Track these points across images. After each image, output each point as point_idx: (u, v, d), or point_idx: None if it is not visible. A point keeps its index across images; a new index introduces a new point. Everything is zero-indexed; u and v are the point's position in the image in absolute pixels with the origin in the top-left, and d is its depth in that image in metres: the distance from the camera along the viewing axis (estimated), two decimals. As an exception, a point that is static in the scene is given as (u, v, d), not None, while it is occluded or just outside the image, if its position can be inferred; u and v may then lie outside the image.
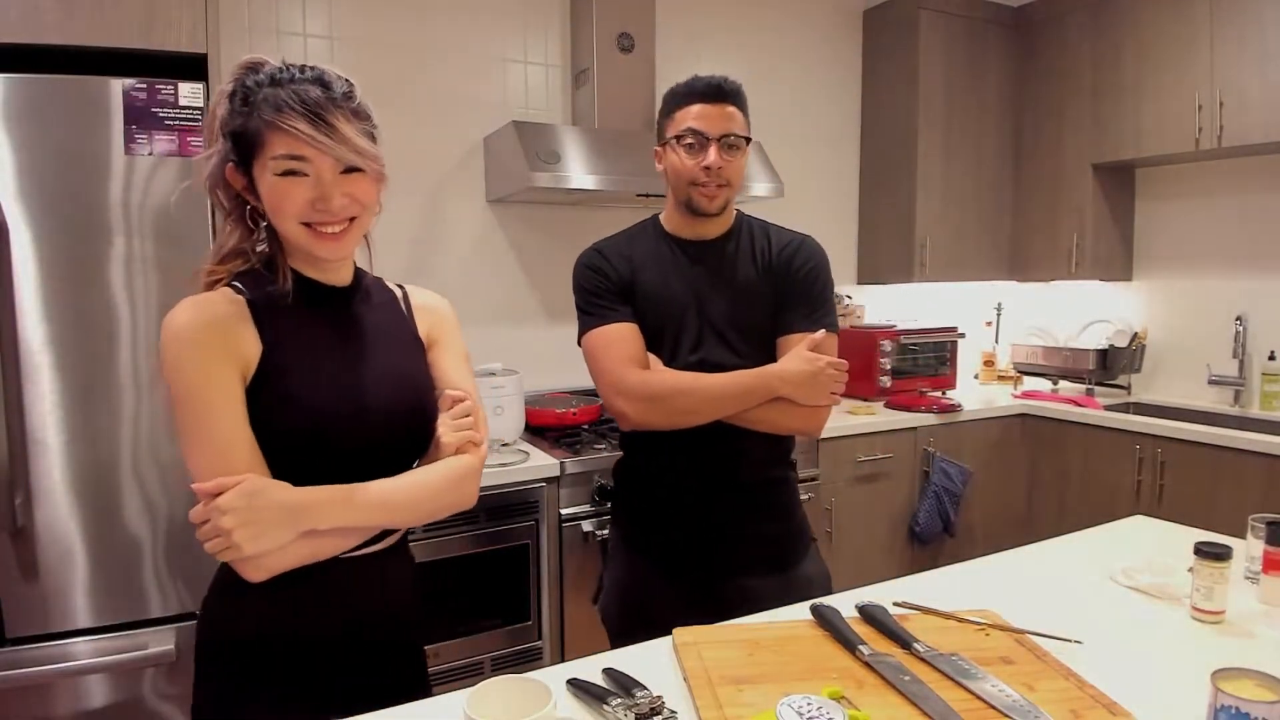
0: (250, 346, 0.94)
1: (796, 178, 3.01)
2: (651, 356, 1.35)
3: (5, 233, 1.46)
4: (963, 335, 3.24)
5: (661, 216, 1.46)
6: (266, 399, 0.94)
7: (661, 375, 1.32)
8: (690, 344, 1.35)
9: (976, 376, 3.59)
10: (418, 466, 1.06)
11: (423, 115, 2.55)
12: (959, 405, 2.95)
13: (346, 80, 0.97)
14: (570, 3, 2.72)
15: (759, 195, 2.62)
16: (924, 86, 3.11)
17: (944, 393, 3.11)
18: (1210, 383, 2.98)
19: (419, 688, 1.09)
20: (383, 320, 1.10)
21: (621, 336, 1.34)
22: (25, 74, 1.47)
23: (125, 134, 1.53)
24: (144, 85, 1.54)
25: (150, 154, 1.55)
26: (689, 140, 1.32)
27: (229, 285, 0.97)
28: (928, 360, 3.14)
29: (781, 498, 1.45)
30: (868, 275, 3.43)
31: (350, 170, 0.95)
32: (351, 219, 0.97)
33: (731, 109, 1.33)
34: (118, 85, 1.52)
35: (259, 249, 1.00)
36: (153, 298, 1.57)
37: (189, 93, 1.58)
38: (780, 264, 1.39)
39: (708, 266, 1.39)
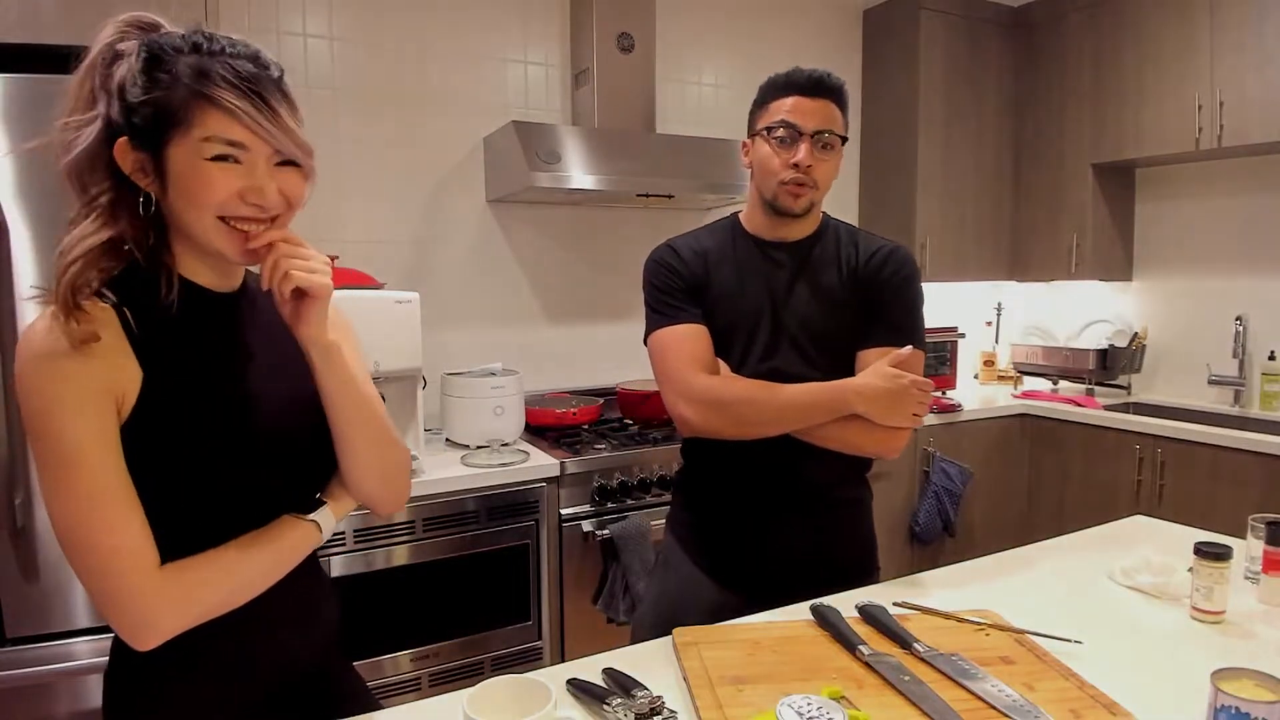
0: (128, 375, 0.79)
1: (796, 178, 3.01)
2: (720, 362, 1.28)
3: (5, 233, 1.46)
4: (963, 335, 3.24)
5: (742, 215, 1.38)
6: (149, 438, 0.79)
7: (729, 381, 1.24)
8: (762, 350, 1.28)
9: (976, 376, 3.59)
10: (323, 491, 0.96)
11: (423, 115, 2.55)
12: (959, 405, 2.95)
13: (278, 63, 0.84)
14: (570, 3, 2.72)
15: (759, 195, 2.62)
16: (924, 86, 3.11)
17: (944, 393, 3.11)
18: (1210, 383, 2.98)
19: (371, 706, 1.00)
20: (276, 330, 0.92)
21: (689, 337, 1.26)
22: (25, 74, 1.47)
23: (125, 134, 1.53)
24: (144, 85, 1.54)
25: (150, 154, 1.55)
26: (780, 133, 1.24)
27: (96, 294, 0.78)
28: (928, 360, 3.13)
29: (851, 522, 1.37)
30: (868, 275, 3.42)
31: (284, 164, 0.83)
32: (274, 217, 0.83)
33: (831, 105, 1.25)
34: (118, 85, 1.52)
35: (142, 245, 0.82)
36: (152, 298, 1.57)
37: (189, 93, 1.57)
38: (868, 272, 1.31)
39: (788, 270, 1.31)
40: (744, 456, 1.27)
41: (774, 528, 1.31)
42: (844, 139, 1.28)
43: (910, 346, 1.26)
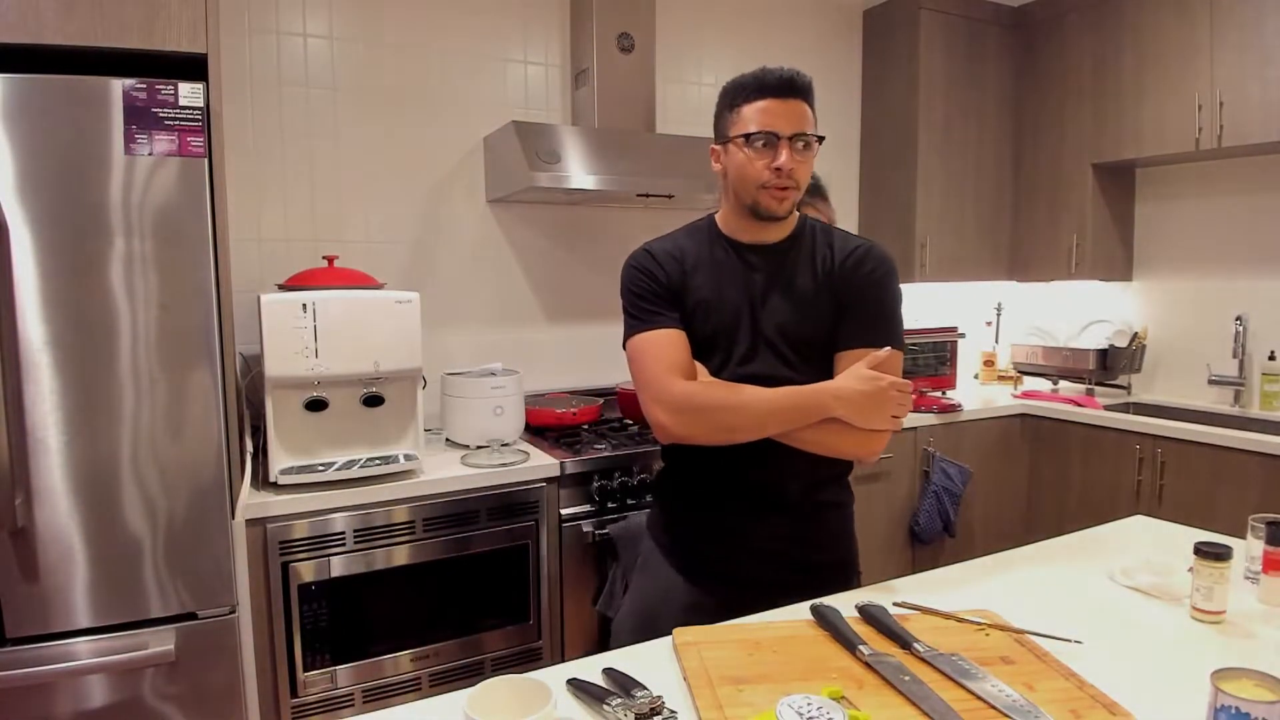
0: None
1: (796, 178, 3.01)
2: (700, 367, 1.27)
3: (5, 232, 1.46)
4: (963, 335, 3.24)
5: (718, 217, 1.36)
6: None
7: (706, 388, 1.23)
8: (741, 355, 1.27)
9: (976, 376, 3.59)
10: None
11: (423, 115, 2.55)
12: (959, 405, 2.95)
13: None
14: (570, 3, 2.72)
15: (759, 195, 2.62)
16: (924, 86, 3.11)
17: (944, 393, 3.11)
18: (1210, 383, 2.98)
19: None
20: None
21: (667, 343, 1.25)
22: (25, 74, 1.47)
23: (125, 134, 1.53)
24: (144, 85, 1.54)
25: (150, 154, 1.55)
26: (760, 141, 1.22)
27: None
28: (928, 360, 3.14)
29: (830, 525, 1.36)
30: (868, 275, 3.42)
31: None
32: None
33: (804, 105, 1.23)
34: (118, 85, 1.52)
35: None
36: (153, 297, 1.57)
37: (189, 93, 1.57)
38: (844, 273, 1.29)
39: (766, 273, 1.29)
40: (723, 458, 1.26)
41: (751, 530, 1.30)
42: (820, 139, 1.26)
43: (888, 348, 1.24)
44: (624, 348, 1.32)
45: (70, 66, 1.54)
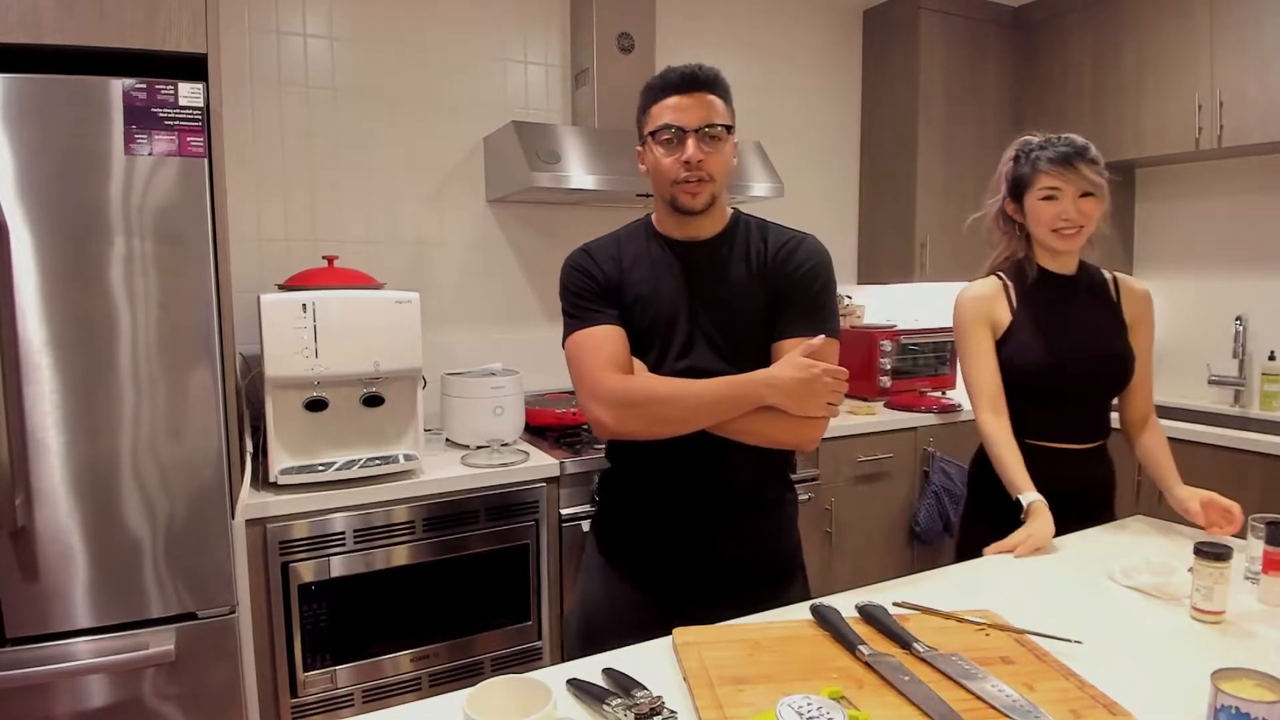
0: (1003, 312, 1.62)
1: (796, 178, 3.01)
2: (637, 362, 1.28)
3: (5, 233, 1.46)
4: (963, 335, 3.23)
5: (653, 217, 1.39)
6: (1009, 351, 1.60)
7: (641, 381, 1.24)
8: (679, 349, 1.28)
9: (976, 376, 3.58)
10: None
11: (423, 115, 2.55)
12: (959, 405, 2.95)
13: (1090, 145, 1.54)
14: (570, 3, 2.72)
15: (759, 195, 2.62)
16: (924, 86, 3.11)
17: (944, 393, 3.11)
18: (1210, 383, 2.98)
19: None
20: (1089, 305, 1.64)
21: (604, 339, 1.26)
22: (25, 74, 1.47)
23: (125, 134, 1.53)
24: (144, 85, 1.54)
25: (150, 154, 1.55)
26: (666, 136, 1.25)
27: (993, 274, 1.66)
28: (928, 360, 3.14)
29: (774, 521, 1.37)
30: (868, 275, 3.43)
31: (1084, 195, 1.53)
32: (1080, 227, 1.55)
33: (709, 97, 1.25)
34: (118, 85, 1.52)
35: (1019, 251, 1.66)
36: (153, 298, 1.57)
37: (189, 93, 1.57)
38: (776, 264, 1.31)
39: (699, 268, 1.31)
40: (665, 456, 1.27)
41: (693, 528, 1.31)
42: (729, 128, 1.27)
43: (822, 335, 1.24)
44: (563, 347, 1.33)
45: (70, 66, 1.54)
